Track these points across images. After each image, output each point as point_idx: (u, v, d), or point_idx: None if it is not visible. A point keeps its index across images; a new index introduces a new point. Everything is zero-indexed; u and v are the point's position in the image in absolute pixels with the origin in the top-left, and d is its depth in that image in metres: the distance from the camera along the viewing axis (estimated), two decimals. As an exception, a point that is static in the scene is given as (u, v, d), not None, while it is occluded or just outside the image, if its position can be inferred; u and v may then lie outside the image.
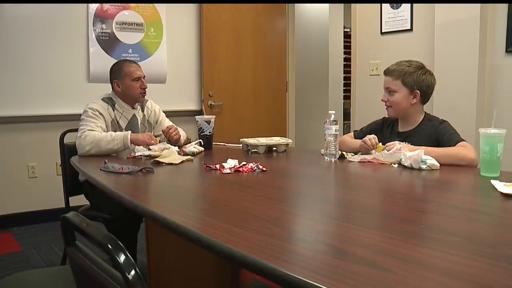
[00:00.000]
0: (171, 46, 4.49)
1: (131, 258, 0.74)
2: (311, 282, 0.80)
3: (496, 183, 1.56)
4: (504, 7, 3.29)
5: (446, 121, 2.29)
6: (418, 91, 2.27)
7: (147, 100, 2.92)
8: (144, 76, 2.79)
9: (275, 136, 2.71)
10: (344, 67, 6.29)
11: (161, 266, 2.18)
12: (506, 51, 3.30)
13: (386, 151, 2.10)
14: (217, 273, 2.05)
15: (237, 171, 1.92)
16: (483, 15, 3.35)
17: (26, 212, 4.01)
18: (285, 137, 4.71)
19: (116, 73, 2.76)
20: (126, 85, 2.72)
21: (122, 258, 0.73)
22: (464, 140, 2.12)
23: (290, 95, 5.18)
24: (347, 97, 5.83)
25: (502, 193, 1.47)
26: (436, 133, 2.22)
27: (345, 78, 6.28)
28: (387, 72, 2.35)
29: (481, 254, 0.95)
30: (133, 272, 0.72)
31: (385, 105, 2.35)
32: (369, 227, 1.17)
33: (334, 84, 6.20)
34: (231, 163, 1.99)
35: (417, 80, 2.27)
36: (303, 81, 5.98)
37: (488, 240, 1.07)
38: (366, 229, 1.15)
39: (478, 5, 3.33)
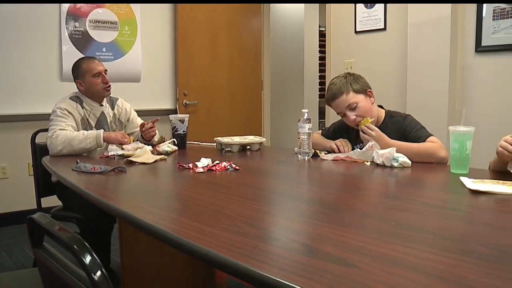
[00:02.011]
0: (146, 44, 4.46)
1: (97, 259, 0.73)
2: (280, 280, 0.80)
3: (465, 180, 1.59)
4: (473, 7, 3.35)
5: (409, 115, 2.31)
6: (369, 90, 2.30)
7: (118, 99, 2.89)
8: (106, 71, 2.73)
9: (250, 135, 2.71)
10: (319, 66, 6.33)
11: (135, 266, 2.16)
12: (476, 51, 3.36)
13: (358, 149, 2.12)
14: (191, 272, 2.04)
15: (210, 170, 1.91)
16: (454, 15, 3.40)
17: (-3, 214, 3.94)
18: (261, 135, 4.73)
19: (76, 73, 2.71)
20: (88, 82, 2.68)
21: (88, 259, 0.72)
22: (432, 135, 2.15)
23: (265, 94, 5.18)
24: (322, 96, 5.87)
25: (470, 189, 1.49)
26: (402, 130, 2.23)
27: (320, 77, 6.32)
28: (335, 96, 2.27)
29: (449, 250, 0.97)
30: (99, 273, 0.71)
31: (355, 123, 2.26)
32: (341, 225, 1.18)
33: (310, 83, 6.23)
34: (204, 162, 1.98)
35: (360, 82, 2.29)
36: (278, 80, 5.99)
37: (457, 236, 1.09)
38: (337, 226, 1.16)
39: (449, 5, 3.38)
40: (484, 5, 3.28)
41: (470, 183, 1.55)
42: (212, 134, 2.83)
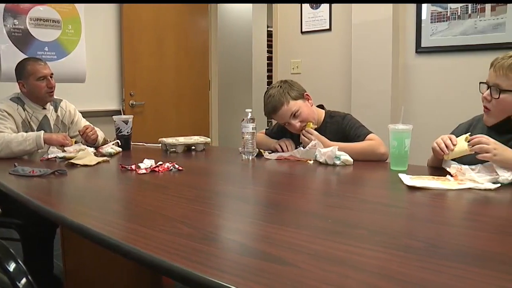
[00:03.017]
0: (91, 44, 4.34)
1: (23, 266, 0.70)
2: (214, 280, 0.80)
3: (403, 176, 1.64)
4: (413, 10, 3.46)
5: (348, 114, 2.35)
6: (306, 94, 2.32)
7: (61, 100, 2.80)
8: (52, 74, 2.65)
9: (198, 135, 2.69)
10: (267, 66, 6.36)
11: (78, 272, 2.10)
12: (416, 52, 3.47)
13: (302, 148, 2.15)
14: (137, 276, 2.01)
15: (153, 171, 1.89)
16: (395, 17, 3.50)
17: None
18: (209, 136, 4.70)
19: (20, 73, 2.61)
20: (31, 85, 2.58)
21: (12, 266, 0.69)
22: (371, 132, 2.20)
23: (213, 94, 5.16)
24: (271, 96, 5.88)
25: (407, 185, 1.54)
26: (341, 129, 2.27)
27: (268, 77, 6.36)
28: (275, 108, 2.28)
29: (384, 246, 0.99)
30: (24, 280, 0.68)
31: (301, 129, 2.27)
32: (281, 224, 1.19)
33: (258, 82, 6.25)
34: (147, 163, 1.96)
35: (295, 88, 2.30)
36: (227, 80, 5.99)
37: (391, 231, 1.12)
38: (278, 226, 1.17)
39: (390, 7, 3.47)
40: (423, 8, 3.39)
41: (408, 180, 1.60)
42: (159, 135, 2.79)
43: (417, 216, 1.29)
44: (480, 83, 1.79)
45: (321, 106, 2.42)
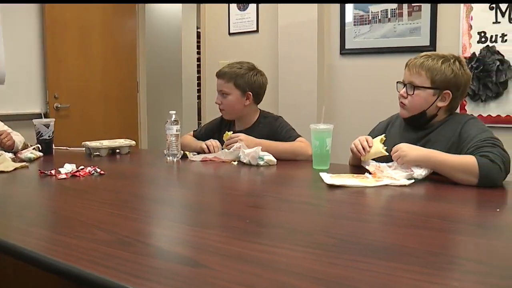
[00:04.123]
0: (10, 43, 4.14)
1: None
2: (126, 285, 0.79)
3: (323, 175, 1.69)
4: (337, 12, 3.55)
5: (280, 116, 2.41)
6: (250, 93, 2.32)
7: (-24, 103, 2.67)
8: None
9: (127, 138, 2.64)
10: (197, 67, 6.34)
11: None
12: (340, 53, 3.57)
13: (226, 150, 2.16)
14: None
15: (73, 175, 1.83)
16: (320, 19, 3.58)
17: None
18: (137, 138, 4.62)
19: None
20: None
21: None
22: (300, 136, 2.26)
23: (141, 96, 5.07)
24: (200, 97, 5.88)
25: (327, 184, 1.59)
26: (273, 131, 2.31)
27: (198, 78, 6.33)
28: (219, 75, 2.37)
29: (298, 243, 1.02)
30: None
31: (219, 108, 2.38)
32: (198, 226, 1.19)
33: (188, 84, 6.22)
34: (68, 167, 1.90)
35: (248, 81, 2.32)
36: (156, 81, 5.90)
37: (307, 229, 1.15)
38: (194, 227, 1.17)
39: (316, 9, 3.55)
40: (347, 11, 3.49)
41: (328, 178, 1.65)
42: (86, 139, 2.69)
43: (334, 214, 1.33)
44: (397, 82, 1.89)
45: None
